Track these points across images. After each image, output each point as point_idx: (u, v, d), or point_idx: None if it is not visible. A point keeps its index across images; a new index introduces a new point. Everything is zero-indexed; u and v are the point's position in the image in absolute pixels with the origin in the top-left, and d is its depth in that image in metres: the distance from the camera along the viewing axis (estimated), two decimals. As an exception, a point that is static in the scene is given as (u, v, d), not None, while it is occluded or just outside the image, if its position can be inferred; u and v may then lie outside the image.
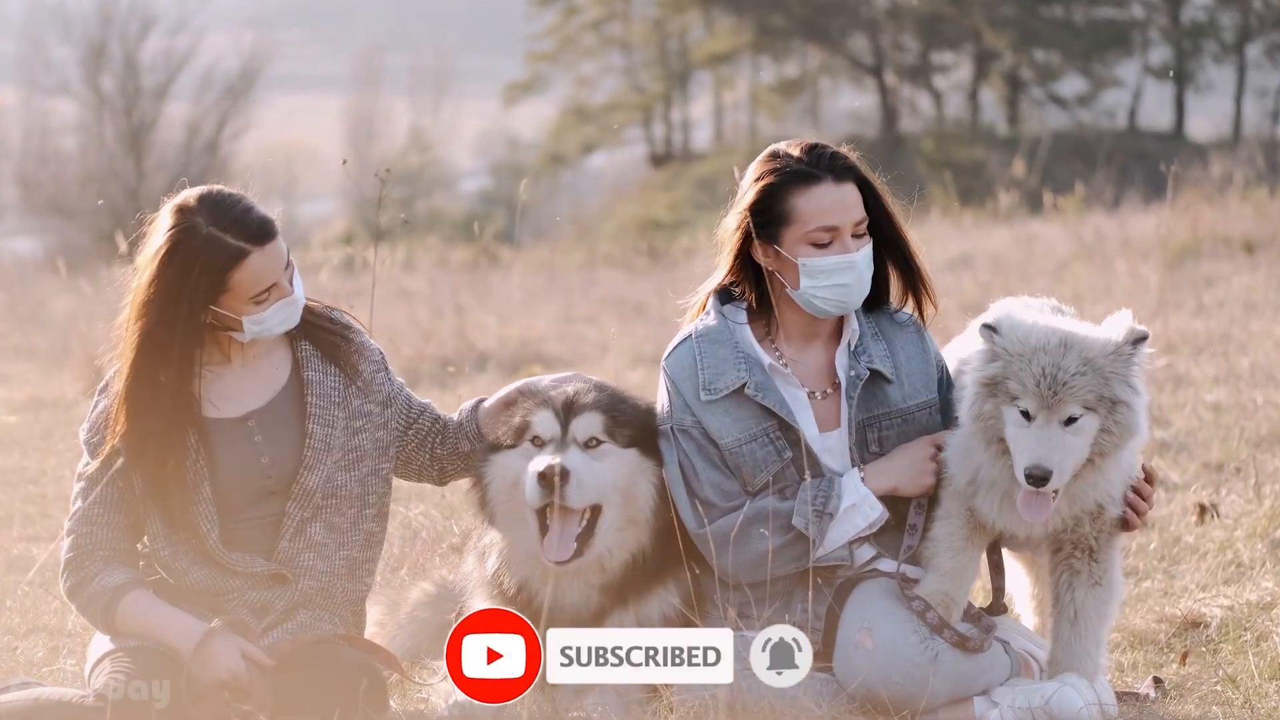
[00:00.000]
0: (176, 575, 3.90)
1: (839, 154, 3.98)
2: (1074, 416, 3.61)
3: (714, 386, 3.95)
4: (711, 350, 3.98)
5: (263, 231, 3.82)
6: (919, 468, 3.92)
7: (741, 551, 3.88)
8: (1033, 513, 3.69)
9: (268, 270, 3.82)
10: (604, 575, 3.91)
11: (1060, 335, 3.64)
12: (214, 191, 3.86)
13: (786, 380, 3.97)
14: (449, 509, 5.74)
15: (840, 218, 3.92)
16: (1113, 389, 3.61)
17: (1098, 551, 3.85)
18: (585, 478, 3.84)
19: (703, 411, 3.95)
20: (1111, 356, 3.62)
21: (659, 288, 15.74)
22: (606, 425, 3.92)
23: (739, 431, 3.94)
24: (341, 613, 4.01)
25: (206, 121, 33.22)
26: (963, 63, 37.13)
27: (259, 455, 3.92)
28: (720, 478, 3.94)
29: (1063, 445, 3.60)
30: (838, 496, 3.89)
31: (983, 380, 3.68)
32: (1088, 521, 3.82)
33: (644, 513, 3.92)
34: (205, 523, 3.87)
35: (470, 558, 4.14)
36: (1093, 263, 11.97)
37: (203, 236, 3.78)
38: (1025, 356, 3.62)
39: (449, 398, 8.22)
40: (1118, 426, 3.63)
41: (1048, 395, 3.59)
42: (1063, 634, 3.87)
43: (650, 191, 35.46)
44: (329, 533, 3.97)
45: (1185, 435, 6.96)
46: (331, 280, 8.71)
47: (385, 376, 4.09)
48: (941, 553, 3.85)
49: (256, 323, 3.86)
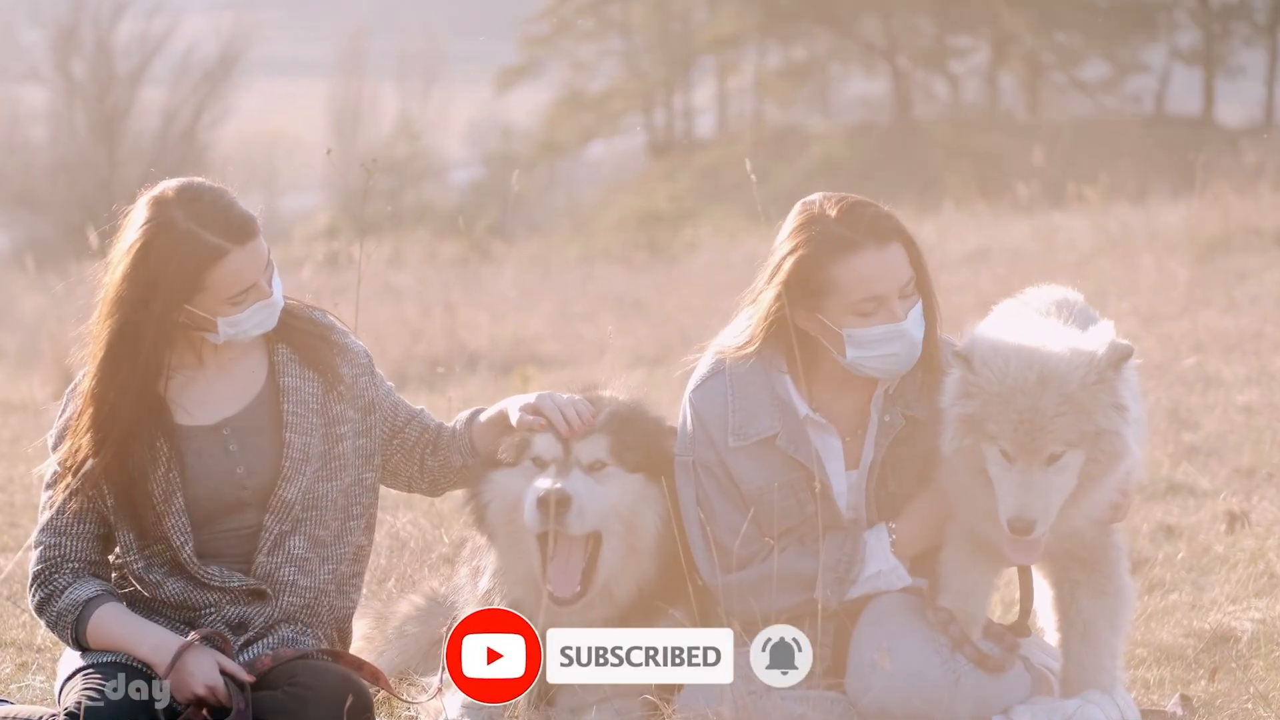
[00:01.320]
0: (150, 588, 3.90)
1: (881, 214, 3.85)
2: (1056, 454, 3.57)
3: (745, 432, 3.90)
4: (745, 392, 3.91)
5: (243, 229, 3.81)
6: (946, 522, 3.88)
7: (757, 602, 3.85)
8: (1021, 555, 3.68)
9: (247, 270, 3.82)
10: (610, 607, 3.91)
11: (1038, 370, 3.56)
12: (193, 184, 3.85)
13: (823, 430, 3.92)
14: (438, 517, 5.74)
15: (885, 286, 3.80)
16: (1095, 422, 3.56)
17: (1094, 559, 3.84)
18: (587, 503, 3.83)
19: (728, 455, 3.91)
20: (1094, 387, 3.56)
21: (660, 284, 15.76)
22: (612, 447, 3.90)
23: (763, 479, 3.89)
24: (326, 630, 4.00)
25: (183, 109, 33.22)
26: (980, 46, 37.11)
27: (234, 465, 3.92)
28: (739, 520, 3.88)
29: (1046, 488, 3.57)
30: (861, 562, 3.86)
31: (961, 417, 3.64)
32: (1091, 529, 3.81)
33: (648, 542, 3.90)
34: (178, 535, 3.87)
35: (463, 570, 4.14)
36: (1117, 257, 11.98)
37: (179, 232, 3.77)
38: (1002, 397, 3.57)
39: (438, 400, 8.23)
40: (1104, 455, 3.59)
41: (1026, 441, 3.55)
42: (1073, 649, 3.86)
43: (651, 182, 35.44)
44: (312, 546, 3.96)
45: (1215, 439, 6.96)
46: (315, 276, 8.72)
47: (369, 381, 4.08)
48: (951, 572, 3.85)
49: (232, 325, 3.85)
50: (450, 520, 5.74)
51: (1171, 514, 5.91)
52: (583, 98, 38.98)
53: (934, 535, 3.88)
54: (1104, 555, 3.84)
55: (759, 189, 6.15)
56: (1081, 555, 3.83)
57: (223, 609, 3.90)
